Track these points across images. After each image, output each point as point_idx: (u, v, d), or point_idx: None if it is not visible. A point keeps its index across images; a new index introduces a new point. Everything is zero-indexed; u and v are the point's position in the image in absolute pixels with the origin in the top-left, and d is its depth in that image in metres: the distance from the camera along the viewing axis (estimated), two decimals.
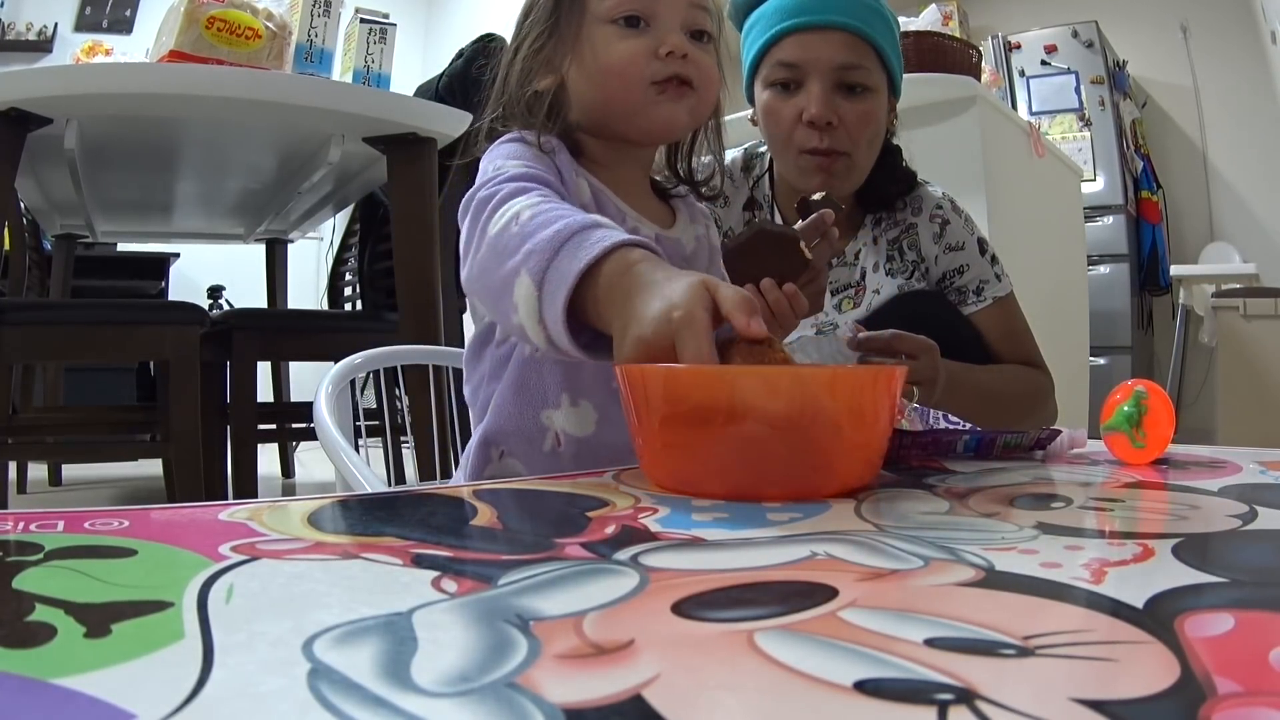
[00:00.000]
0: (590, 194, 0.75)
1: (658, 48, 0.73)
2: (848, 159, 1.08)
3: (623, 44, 0.74)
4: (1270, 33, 3.71)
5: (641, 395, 0.54)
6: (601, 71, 0.75)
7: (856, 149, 1.09)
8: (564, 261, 0.58)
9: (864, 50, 1.07)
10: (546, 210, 0.62)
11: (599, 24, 0.75)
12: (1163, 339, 4.33)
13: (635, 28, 0.74)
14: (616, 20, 0.74)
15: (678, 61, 0.74)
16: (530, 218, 0.62)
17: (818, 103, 1.06)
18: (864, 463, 0.55)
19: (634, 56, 0.73)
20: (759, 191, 1.20)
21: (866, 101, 1.08)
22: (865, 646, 0.26)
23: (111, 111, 1.68)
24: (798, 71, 1.08)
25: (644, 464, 0.57)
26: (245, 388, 2.12)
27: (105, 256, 3.87)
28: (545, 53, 0.77)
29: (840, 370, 0.72)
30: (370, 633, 0.27)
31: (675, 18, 0.75)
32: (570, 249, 0.58)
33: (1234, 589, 0.33)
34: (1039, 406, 1.20)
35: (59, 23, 4.51)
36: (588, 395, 0.73)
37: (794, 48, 1.08)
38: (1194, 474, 0.62)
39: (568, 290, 0.57)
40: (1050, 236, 2.46)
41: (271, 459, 3.07)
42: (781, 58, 1.09)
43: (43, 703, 0.21)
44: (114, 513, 0.43)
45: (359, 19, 2.00)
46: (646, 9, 0.74)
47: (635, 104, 0.74)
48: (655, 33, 0.74)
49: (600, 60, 0.74)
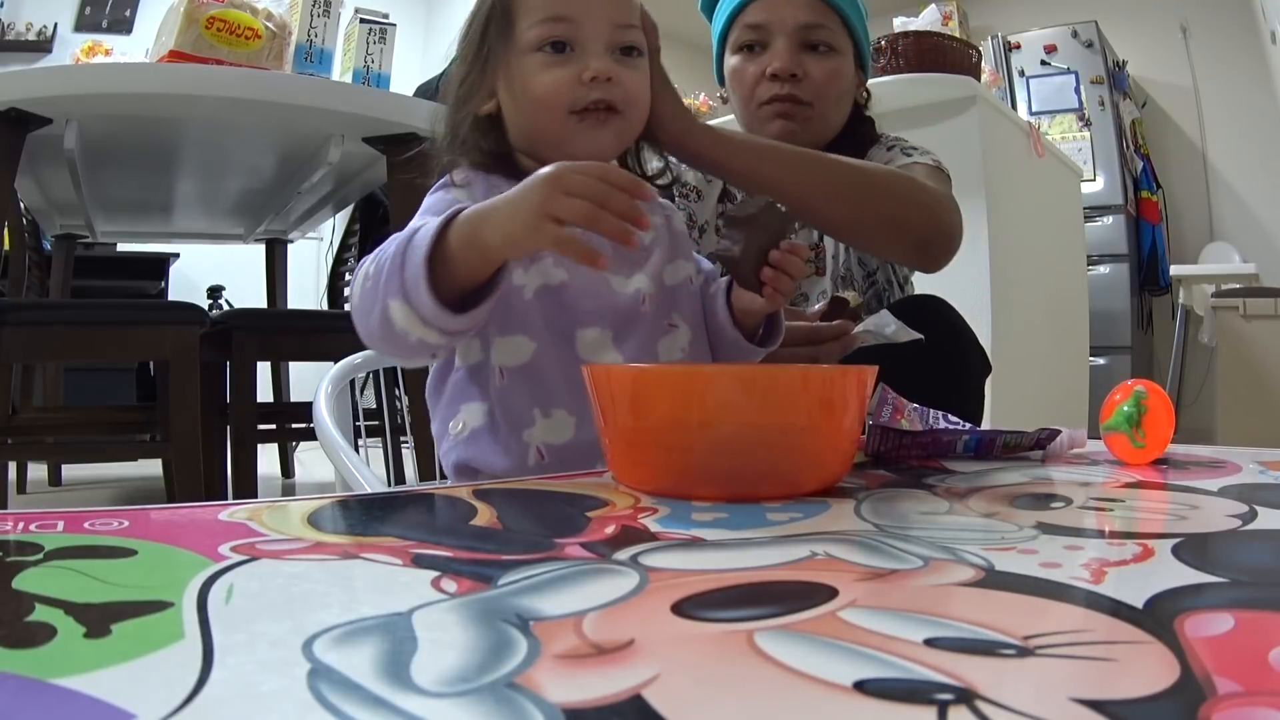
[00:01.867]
0: None
1: (581, 73, 0.74)
2: (810, 109, 1.10)
3: (546, 74, 0.75)
4: (1270, 33, 3.71)
5: (607, 395, 0.55)
6: (527, 102, 0.76)
7: (821, 103, 1.10)
8: (411, 263, 0.62)
9: (827, 12, 1.10)
10: (387, 250, 0.65)
11: (525, 54, 0.76)
12: (1162, 339, 4.33)
13: (561, 53, 0.75)
14: (542, 48, 0.75)
15: (602, 85, 0.74)
16: (376, 269, 0.66)
17: (782, 56, 1.08)
18: (837, 460, 0.55)
19: (557, 86, 0.74)
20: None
21: (832, 60, 1.10)
22: (865, 646, 0.26)
23: (111, 111, 1.68)
24: (763, 32, 1.11)
25: (611, 463, 0.58)
26: (245, 388, 2.11)
27: (105, 257, 3.86)
28: (477, 79, 0.78)
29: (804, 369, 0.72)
30: (370, 633, 0.27)
31: (600, 40, 0.75)
32: (411, 252, 0.62)
33: (1234, 589, 0.33)
34: (900, 196, 0.96)
35: (59, 23, 4.51)
36: (559, 404, 0.74)
37: (759, 11, 1.11)
38: (1194, 474, 0.62)
39: (425, 276, 0.61)
40: (1050, 236, 2.46)
41: (271, 459, 3.07)
42: (747, 21, 1.12)
43: (43, 703, 0.21)
44: (114, 513, 0.43)
45: (359, 19, 2.00)
46: (570, 34, 0.75)
47: (559, 135, 0.76)
48: (580, 58, 0.75)
49: (526, 91, 0.76)
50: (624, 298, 0.77)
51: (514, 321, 0.74)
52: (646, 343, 0.77)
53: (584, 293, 0.75)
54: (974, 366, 1.11)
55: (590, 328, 0.75)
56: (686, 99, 0.91)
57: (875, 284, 1.19)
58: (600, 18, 0.75)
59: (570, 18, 0.74)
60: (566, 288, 0.75)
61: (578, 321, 0.75)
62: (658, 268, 0.80)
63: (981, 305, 1.94)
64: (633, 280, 0.78)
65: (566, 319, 0.75)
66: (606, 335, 0.75)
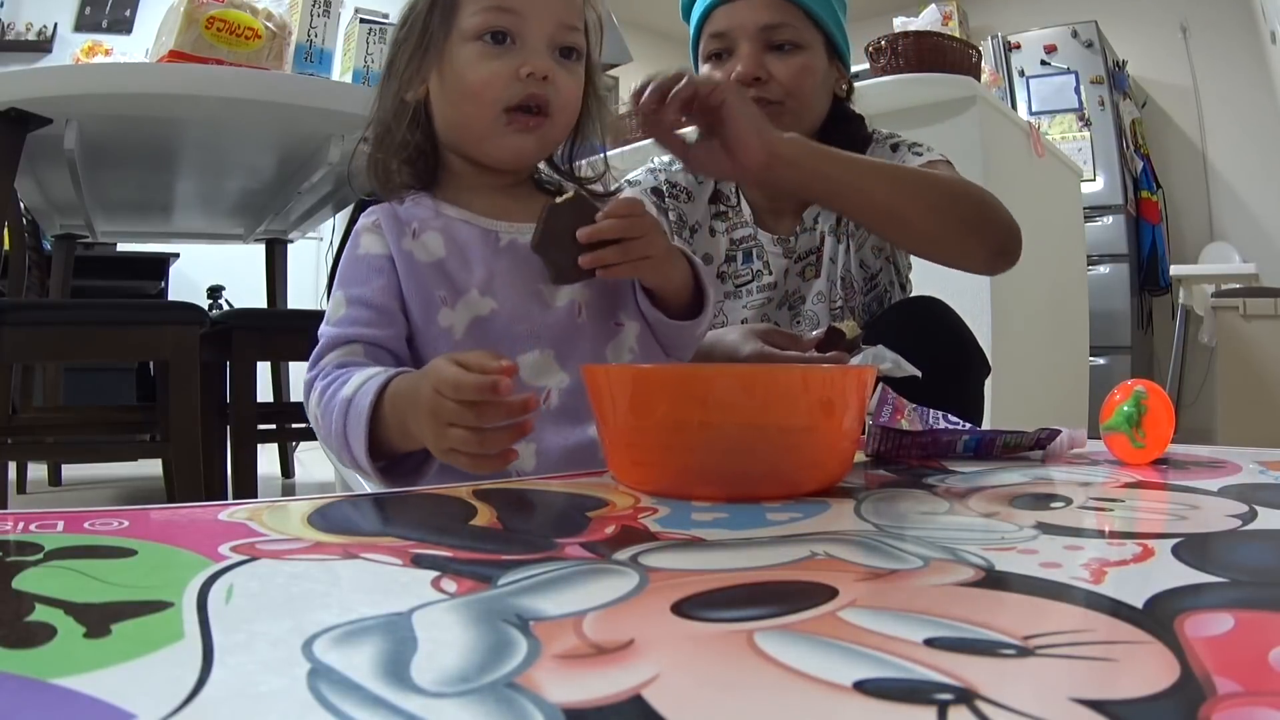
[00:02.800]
0: (442, 240, 0.75)
1: (519, 67, 0.73)
2: (780, 107, 1.09)
3: (483, 65, 0.73)
4: (1270, 33, 3.71)
5: (607, 396, 0.55)
6: (459, 92, 0.75)
7: (791, 99, 1.09)
8: (353, 437, 0.65)
9: (789, 9, 1.09)
10: (332, 410, 0.67)
11: (465, 41, 0.74)
12: (1162, 339, 4.33)
13: (501, 44, 0.74)
14: (483, 37, 0.74)
15: (537, 83, 0.73)
16: (321, 413, 0.69)
17: (744, 60, 1.08)
18: (838, 461, 0.55)
19: (492, 79, 0.73)
20: (725, 184, 1.20)
21: (797, 57, 1.09)
22: (865, 646, 0.26)
23: (111, 111, 1.68)
24: (727, 40, 1.10)
25: (611, 463, 0.58)
26: (245, 388, 2.11)
27: (105, 256, 3.86)
28: (415, 63, 0.77)
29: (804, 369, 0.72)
30: (370, 633, 0.27)
31: (542, 35, 0.74)
32: (350, 426, 0.65)
33: (1234, 589, 0.33)
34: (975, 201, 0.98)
35: (59, 23, 4.50)
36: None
37: (721, 18, 1.11)
38: (1194, 474, 0.62)
39: (366, 454, 0.65)
40: (1050, 236, 2.46)
41: (271, 459, 3.07)
42: (711, 29, 1.12)
43: (43, 703, 0.21)
44: (114, 513, 0.43)
45: (358, 19, 2.00)
46: (514, 26, 0.74)
47: (485, 130, 0.75)
48: (520, 52, 0.74)
49: (461, 80, 0.74)
50: (557, 313, 0.75)
51: None
52: (593, 352, 0.76)
53: (515, 317, 0.74)
54: (974, 367, 1.11)
55: (529, 352, 0.73)
56: None
57: (877, 286, 1.19)
58: (546, 15, 0.74)
59: (515, 10, 0.73)
60: (497, 314, 0.74)
61: (515, 348, 0.73)
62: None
63: (981, 305, 1.94)
64: (562, 293, 0.76)
65: (503, 348, 0.72)
66: (548, 355, 0.74)
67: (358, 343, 0.72)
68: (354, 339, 0.72)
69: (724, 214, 1.20)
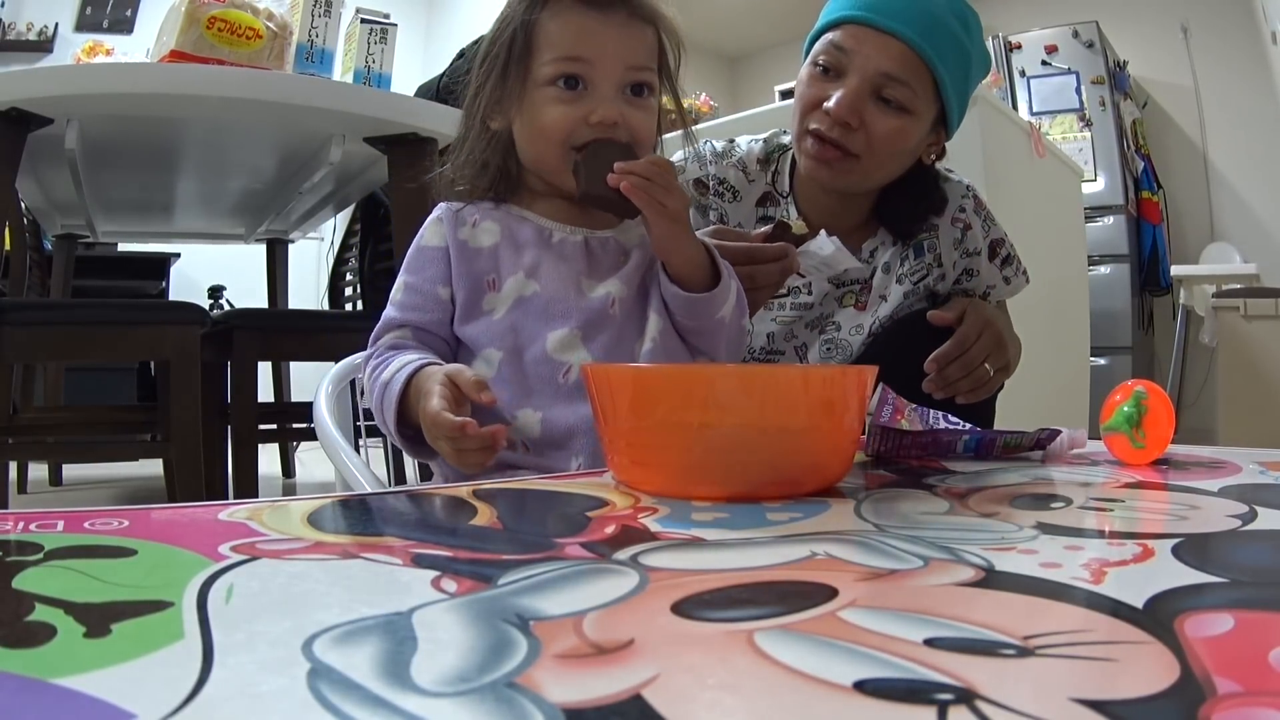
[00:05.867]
0: (499, 229, 0.82)
1: (588, 115, 0.77)
2: (855, 162, 1.03)
3: (556, 109, 0.78)
4: (1270, 33, 3.71)
5: (608, 395, 0.56)
6: (534, 130, 0.79)
7: (871, 157, 1.03)
8: (386, 411, 0.75)
9: (917, 71, 1.01)
10: (375, 389, 0.77)
11: (539, 86, 0.78)
12: (1163, 339, 4.33)
13: (573, 89, 0.77)
14: (555, 82, 0.77)
15: (607, 129, 0.77)
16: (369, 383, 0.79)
17: (846, 98, 1.01)
18: (839, 460, 0.55)
19: (562, 123, 0.77)
20: (779, 185, 1.16)
21: (899, 119, 1.02)
22: (865, 646, 0.26)
23: (112, 111, 1.68)
24: (842, 58, 1.03)
25: (611, 463, 0.58)
26: (245, 388, 2.11)
27: (106, 256, 3.87)
28: (494, 98, 0.81)
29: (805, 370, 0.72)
30: (370, 633, 0.27)
31: (611, 81, 0.78)
32: (385, 403, 0.75)
33: (1234, 589, 0.33)
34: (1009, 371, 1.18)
35: (59, 23, 4.51)
36: (525, 405, 0.76)
37: (848, 35, 1.03)
38: (1194, 474, 0.62)
39: (395, 430, 0.75)
40: (1051, 237, 2.45)
41: (272, 459, 3.07)
42: (835, 39, 1.04)
43: (43, 703, 0.21)
44: (114, 513, 0.43)
45: (359, 19, 2.00)
46: (585, 72, 0.77)
47: (558, 165, 0.79)
48: (590, 98, 0.77)
49: (535, 123, 0.79)
50: (593, 301, 0.79)
51: (484, 340, 0.79)
52: (617, 341, 0.79)
53: (554, 299, 0.79)
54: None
55: (559, 329, 0.78)
56: (687, 99, 0.90)
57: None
58: (615, 60, 0.78)
59: (585, 58, 0.77)
60: (538, 296, 0.79)
61: (549, 324, 0.78)
62: (633, 273, 0.81)
63: None
64: (603, 285, 0.80)
65: (537, 322, 0.78)
66: (575, 334, 0.78)
67: (407, 327, 0.81)
68: (404, 323, 0.81)
69: (771, 219, 1.13)
